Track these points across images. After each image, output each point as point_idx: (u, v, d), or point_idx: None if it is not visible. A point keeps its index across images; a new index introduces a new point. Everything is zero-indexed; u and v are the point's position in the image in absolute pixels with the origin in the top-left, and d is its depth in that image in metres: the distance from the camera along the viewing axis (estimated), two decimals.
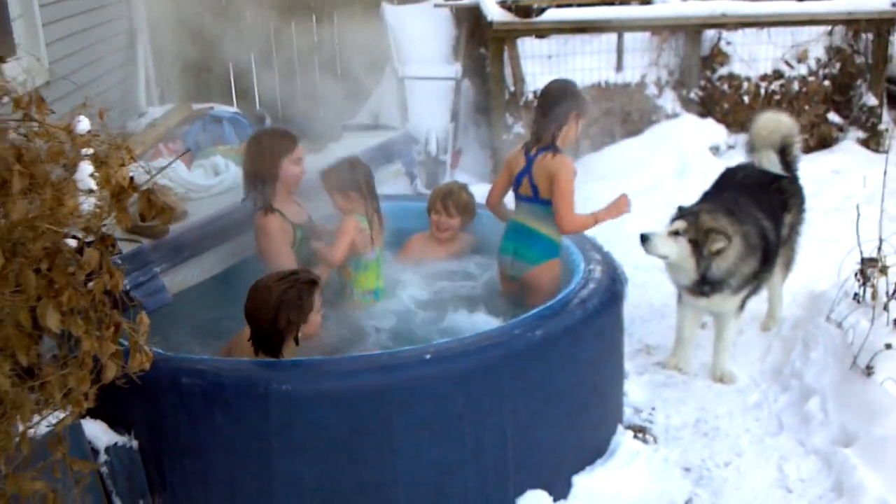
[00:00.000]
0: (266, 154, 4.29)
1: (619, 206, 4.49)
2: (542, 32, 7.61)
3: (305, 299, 3.52)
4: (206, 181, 4.62)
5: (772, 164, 4.95)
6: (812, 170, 7.52)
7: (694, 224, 4.37)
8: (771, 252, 4.63)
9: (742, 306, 4.64)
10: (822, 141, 7.98)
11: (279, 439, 3.23)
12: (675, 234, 4.39)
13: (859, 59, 7.98)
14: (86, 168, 2.11)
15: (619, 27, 7.64)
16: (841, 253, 4.66)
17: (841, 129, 8.00)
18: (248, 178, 4.35)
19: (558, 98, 4.44)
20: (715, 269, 4.39)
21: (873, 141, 7.85)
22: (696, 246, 4.36)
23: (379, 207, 4.46)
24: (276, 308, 3.47)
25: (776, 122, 5.03)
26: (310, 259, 4.30)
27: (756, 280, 4.59)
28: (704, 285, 4.46)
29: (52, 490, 2.28)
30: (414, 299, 4.54)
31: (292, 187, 4.39)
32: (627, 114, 7.70)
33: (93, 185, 2.12)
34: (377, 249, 4.41)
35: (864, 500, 3.51)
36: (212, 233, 4.30)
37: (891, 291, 4.38)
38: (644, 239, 4.41)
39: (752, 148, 5.07)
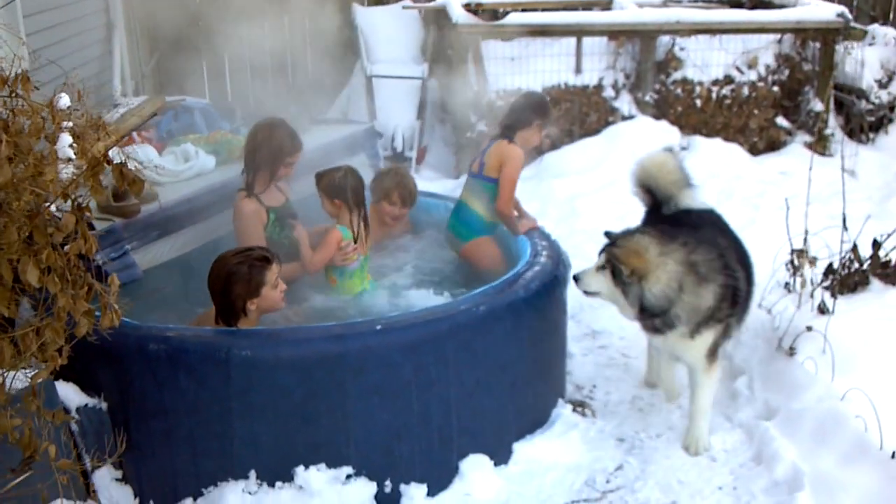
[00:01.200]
0: (271, 148, 4.53)
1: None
2: (505, 35, 7.91)
3: (255, 275, 3.75)
4: (177, 167, 4.86)
5: (693, 200, 4.48)
6: (760, 171, 7.88)
7: (610, 251, 3.96)
8: (739, 294, 4.06)
9: (712, 356, 4.07)
10: (770, 144, 8.30)
11: (239, 402, 3.49)
12: (602, 267, 3.97)
13: (807, 67, 8.30)
14: (65, 139, 2.36)
15: (578, 31, 7.93)
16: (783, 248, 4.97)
17: (789, 132, 8.32)
18: (247, 158, 4.58)
19: (529, 105, 4.98)
20: (649, 296, 3.85)
21: (820, 145, 8.17)
22: (615, 275, 3.92)
23: (367, 216, 4.64)
24: (225, 280, 3.74)
25: (659, 166, 4.49)
26: (281, 242, 4.55)
27: (719, 321, 3.99)
28: (651, 318, 3.95)
29: (28, 428, 2.53)
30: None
31: (279, 179, 4.65)
32: (585, 115, 7.99)
33: (71, 154, 2.38)
34: (362, 258, 4.61)
35: (779, 466, 3.84)
36: (181, 214, 4.54)
37: (818, 280, 4.73)
38: (576, 279, 4.08)
39: (668, 198, 4.44)
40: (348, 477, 3.60)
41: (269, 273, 3.79)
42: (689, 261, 3.90)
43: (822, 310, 4.49)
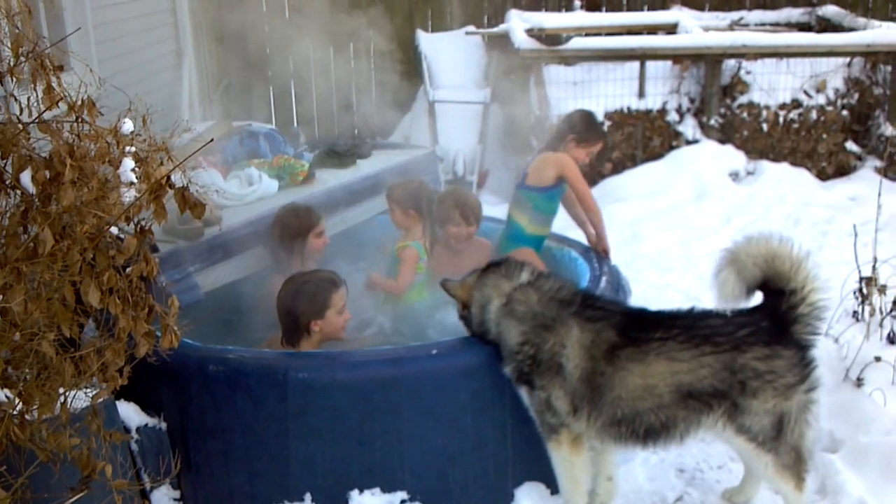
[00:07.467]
0: (292, 230, 4.56)
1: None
2: (567, 60, 7.91)
3: (321, 294, 3.82)
4: (240, 190, 4.94)
5: None
6: (829, 196, 7.71)
7: None
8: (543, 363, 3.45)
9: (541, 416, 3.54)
10: (839, 169, 8.13)
11: (295, 423, 3.51)
12: None
13: (878, 91, 8.13)
14: (128, 163, 2.42)
15: (642, 55, 7.90)
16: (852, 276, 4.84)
17: (859, 157, 8.15)
18: (276, 249, 4.60)
19: (566, 121, 5.04)
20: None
21: (891, 170, 7.95)
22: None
23: (430, 230, 4.75)
24: (293, 297, 3.81)
25: None
26: None
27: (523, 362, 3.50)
28: None
29: (87, 448, 2.57)
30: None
31: (316, 255, 4.65)
32: (649, 139, 7.94)
33: (133, 178, 2.43)
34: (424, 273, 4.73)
35: (844, 500, 3.71)
36: (243, 237, 4.61)
37: (887, 309, 4.59)
38: None
39: None
40: (402, 502, 3.58)
41: (335, 296, 3.86)
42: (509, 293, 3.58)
43: (892, 339, 4.37)
